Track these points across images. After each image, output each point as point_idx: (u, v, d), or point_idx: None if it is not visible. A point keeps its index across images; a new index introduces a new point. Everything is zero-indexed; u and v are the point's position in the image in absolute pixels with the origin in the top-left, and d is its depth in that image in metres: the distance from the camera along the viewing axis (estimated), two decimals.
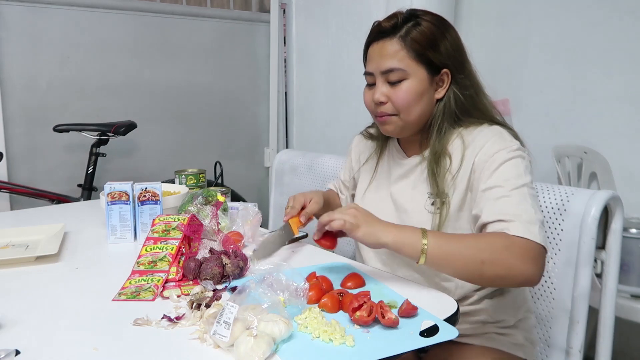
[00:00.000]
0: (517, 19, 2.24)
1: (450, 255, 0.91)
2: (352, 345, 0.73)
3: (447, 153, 1.05)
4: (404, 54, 1.02)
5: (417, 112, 1.05)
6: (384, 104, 1.06)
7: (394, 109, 1.05)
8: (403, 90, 1.03)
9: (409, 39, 1.02)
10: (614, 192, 1.13)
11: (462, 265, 0.91)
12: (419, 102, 1.04)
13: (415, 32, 1.02)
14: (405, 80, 1.03)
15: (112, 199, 1.24)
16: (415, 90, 1.03)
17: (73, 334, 0.78)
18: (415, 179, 1.12)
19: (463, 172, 1.03)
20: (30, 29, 2.38)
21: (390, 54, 1.03)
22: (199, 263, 0.98)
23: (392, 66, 1.03)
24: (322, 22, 2.84)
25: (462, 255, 0.91)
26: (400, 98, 1.04)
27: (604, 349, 1.15)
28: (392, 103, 1.05)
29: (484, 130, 1.05)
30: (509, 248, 0.90)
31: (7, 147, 2.35)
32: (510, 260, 0.89)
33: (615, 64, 1.95)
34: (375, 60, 1.05)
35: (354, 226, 0.93)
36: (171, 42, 2.79)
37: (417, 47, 1.02)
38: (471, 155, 1.03)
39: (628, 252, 1.56)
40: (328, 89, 2.86)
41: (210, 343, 0.73)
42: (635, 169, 1.89)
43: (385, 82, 1.05)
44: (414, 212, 1.08)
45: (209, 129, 2.99)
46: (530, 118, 2.17)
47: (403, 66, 1.02)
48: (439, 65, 1.04)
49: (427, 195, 1.07)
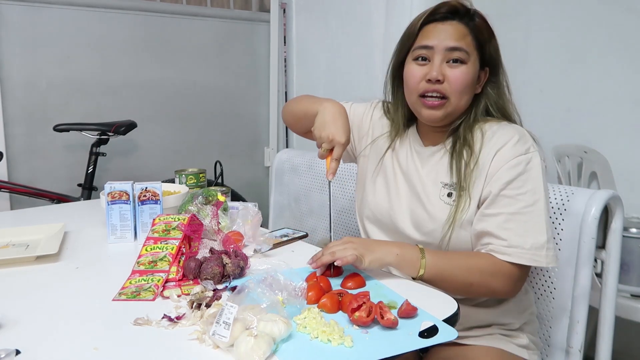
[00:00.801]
0: (517, 19, 2.24)
1: (444, 276, 0.98)
2: (350, 345, 0.73)
3: (470, 145, 1.06)
4: (469, 40, 1.04)
5: (465, 100, 1.06)
6: (439, 82, 1.03)
7: (448, 91, 1.03)
8: (462, 72, 1.03)
9: (474, 26, 1.04)
10: (614, 192, 1.13)
11: (452, 285, 0.98)
12: (469, 89, 1.06)
13: (480, 21, 1.05)
14: (465, 65, 1.03)
15: (112, 199, 1.24)
16: (471, 76, 1.05)
17: (73, 333, 0.78)
18: (430, 169, 1.11)
19: (482, 165, 1.03)
20: (30, 29, 2.38)
21: (458, 35, 1.03)
22: (199, 263, 0.98)
23: (460, 45, 1.03)
24: (322, 22, 2.83)
25: (454, 276, 0.99)
26: (459, 79, 1.03)
27: (604, 348, 1.15)
28: (448, 83, 1.03)
29: (506, 127, 1.06)
30: (495, 275, 0.98)
31: (7, 147, 2.35)
32: (494, 285, 1.00)
33: (615, 64, 1.95)
34: (438, 37, 1.03)
35: (359, 259, 0.96)
36: (171, 42, 2.79)
37: (479, 35, 1.05)
38: (491, 150, 1.03)
39: (628, 252, 1.56)
40: (328, 89, 2.86)
41: (209, 343, 0.73)
42: (635, 168, 1.89)
43: (444, 61, 1.04)
44: (428, 201, 1.08)
45: (209, 129, 2.99)
46: (530, 118, 2.16)
47: (468, 49, 1.04)
48: (487, 61, 1.07)
49: (441, 185, 1.07)
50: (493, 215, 1.00)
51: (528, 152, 1.01)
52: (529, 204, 0.98)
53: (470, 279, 0.98)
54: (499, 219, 0.99)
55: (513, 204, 0.99)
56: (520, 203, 0.98)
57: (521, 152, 1.00)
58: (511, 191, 0.99)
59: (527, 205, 0.98)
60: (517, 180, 0.99)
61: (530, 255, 0.97)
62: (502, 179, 1.00)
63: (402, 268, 0.98)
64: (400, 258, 0.97)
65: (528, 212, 0.98)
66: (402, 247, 0.99)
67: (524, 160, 1.00)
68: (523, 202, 0.98)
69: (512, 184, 0.99)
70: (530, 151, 1.01)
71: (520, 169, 0.99)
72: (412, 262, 0.97)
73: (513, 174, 0.99)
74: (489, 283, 0.99)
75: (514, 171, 0.99)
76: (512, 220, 0.98)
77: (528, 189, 0.99)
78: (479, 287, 1.00)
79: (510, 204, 0.99)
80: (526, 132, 1.05)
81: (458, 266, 0.99)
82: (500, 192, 1.00)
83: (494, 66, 1.08)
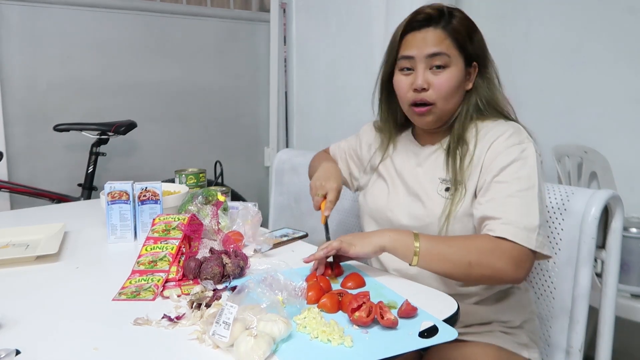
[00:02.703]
0: (517, 19, 2.24)
1: (441, 257, 0.97)
2: (350, 345, 0.73)
3: (465, 141, 1.07)
4: (448, 43, 1.05)
5: (454, 102, 1.08)
6: (425, 90, 1.06)
7: (434, 97, 1.05)
8: (446, 77, 1.05)
9: (451, 28, 1.05)
10: (614, 192, 1.13)
11: (451, 266, 0.97)
12: (457, 91, 1.07)
13: (456, 23, 1.06)
14: (448, 68, 1.05)
15: (112, 199, 1.24)
16: (456, 78, 1.05)
17: (73, 333, 0.78)
18: (428, 167, 1.13)
19: (477, 160, 1.05)
20: (30, 29, 2.38)
21: (435, 41, 1.05)
22: (199, 263, 0.98)
23: (438, 50, 1.04)
24: (322, 22, 2.83)
25: (451, 256, 0.97)
26: (443, 85, 1.05)
27: (604, 348, 1.15)
28: (433, 90, 1.05)
29: (502, 124, 1.07)
30: (494, 251, 0.96)
31: (7, 147, 2.35)
32: (495, 263, 0.95)
33: (616, 64, 1.95)
34: (417, 46, 1.06)
35: (349, 244, 0.98)
36: (171, 42, 2.79)
37: (458, 36, 1.05)
38: (486, 144, 1.05)
39: (628, 252, 1.56)
40: (328, 89, 2.86)
41: (209, 343, 0.73)
42: (635, 168, 1.89)
43: (427, 68, 1.05)
44: (426, 197, 1.09)
45: (209, 129, 2.99)
46: (530, 118, 2.15)
47: (449, 53, 1.04)
48: (472, 58, 1.08)
49: (439, 181, 1.09)
50: (488, 200, 1.01)
51: (522, 142, 1.02)
52: (523, 188, 0.99)
53: (469, 258, 0.96)
54: (494, 203, 1.00)
55: (507, 188, 0.99)
56: (514, 186, 0.99)
57: (515, 142, 1.02)
58: (506, 176, 1.00)
59: (521, 190, 0.99)
60: (512, 165, 1.00)
61: (524, 235, 0.95)
62: (497, 166, 1.01)
63: (396, 250, 0.98)
64: (394, 239, 0.98)
65: (522, 196, 0.99)
66: (396, 231, 1.01)
67: (519, 148, 1.02)
68: (517, 186, 0.99)
69: (507, 169, 1.01)
70: (525, 142, 1.03)
71: (514, 155, 1.01)
72: (407, 244, 0.97)
73: (507, 160, 1.01)
74: (489, 261, 0.95)
75: (509, 157, 1.01)
76: (506, 203, 0.99)
77: (522, 175, 1.00)
78: (480, 266, 0.95)
79: (505, 188, 1.00)
80: (521, 127, 1.07)
81: (454, 246, 0.98)
82: (494, 178, 1.01)
83: (481, 60, 1.09)
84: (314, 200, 1.18)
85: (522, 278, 0.98)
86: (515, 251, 0.95)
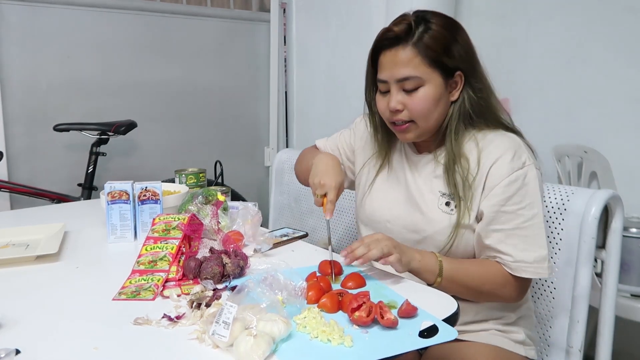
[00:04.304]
0: (517, 19, 2.24)
1: (459, 283, 1.02)
2: (350, 345, 0.73)
3: (464, 156, 1.05)
4: (418, 61, 1.00)
5: (435, 117, 1.05)
6: (400, 111, 1.04)
7: (411, 116, 1.04)
8: (419, 97, 1.02)
9: (422, 45, 1.00)
10: (614, 192, 1.13)
11: (464, 291, 1.03)
12: (436, 107, 1.04)
13: (428, 38, 1.00)
14: (422, 88, 1.02)
15: (112, 199, 1.24)
16: (432, 96, 1.02)
17: (73, 333, 0.78)
18: (426, 176, 1.11)
19: (479, 178, 1.04)
20: (30, 29, 2.38)
21: (404, 62, 1.00)
22: (199, 262, 0.98)
23: (407, 74, 1.01)
24: (322, 22, 2.83)
25: (468, 284, 1.03)
26: (417, 105, 1.02)
27: (604, 348, 1.16)
28: (408, 111, 1.03)
29: (501, 136, 1.05)
30: (505, 285, 1.03)
31: (7, 147, 2.35)
32: (504, 293, 1.04)
33: (615, 63, 1.95)
34: (388, 68, 1.03)
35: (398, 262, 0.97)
36: (171, 42, 2.79)
37: (431, 53, 1.00)
38: (487, 162, 1.03)
39: (628, 252, 1.56)
40: (328, 89, 2.86)
41: (209, 343, 0.73)
42: (636, 168, 1.89)
43: (401, 89, 1.03)
44: (427, 209, 1.08)
45: (209, 129, 2.99)
46: (530, 118, 2.16)
47: (419, 73, 1.00)
48: (453, 69, 1.03)
49: (439, 194, 1.08)
50: (495, 231, 1.02)
51: (524, 165, 1.02)
52: (528, 219, 1.01)
53: (482, 288, 1.03)
54: (501, 235, 1.01)
55: (513, 219, 1.01)
56: (520, 218, 1.01)
57: (518, 166, 1.01)
58: (511, 207, 1.01)
59: (526, 220, 1.01)
60: (516, 195, 1.01)
61: (534, 269, 1.00)
62: (501, 196, 1.01)
63: (421, 274, 1.01)
64: (422, 264, 1.00)
65: (528, 227, 1.01)
66: (422, 253, 1.02)
67: (521, 175, 1.01)
68: (523, 217, 1.01)
69: (511, 200, 1.01)
70: (526, 164, 1.02)
71: (518, 185, 1.01)
72: (432, 269, 1.00)
73: (512, 190, 1.01)
74: (501, 292, 1.03)
75: (512, 187, 1.01)
76: (513, 236, 1.01)
77: (527, 203, 1.01)
78: (489, 295, 1.05)
79: (511, 219, 1.01)
80: (521, 143, 1.05)
81: (472, 274, 1.03)
82: (501, 208, 1.01)
83: (466, 68, 1.04)
84: (315, 200, 1.15)
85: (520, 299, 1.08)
86: (525, 282, 1.04)
